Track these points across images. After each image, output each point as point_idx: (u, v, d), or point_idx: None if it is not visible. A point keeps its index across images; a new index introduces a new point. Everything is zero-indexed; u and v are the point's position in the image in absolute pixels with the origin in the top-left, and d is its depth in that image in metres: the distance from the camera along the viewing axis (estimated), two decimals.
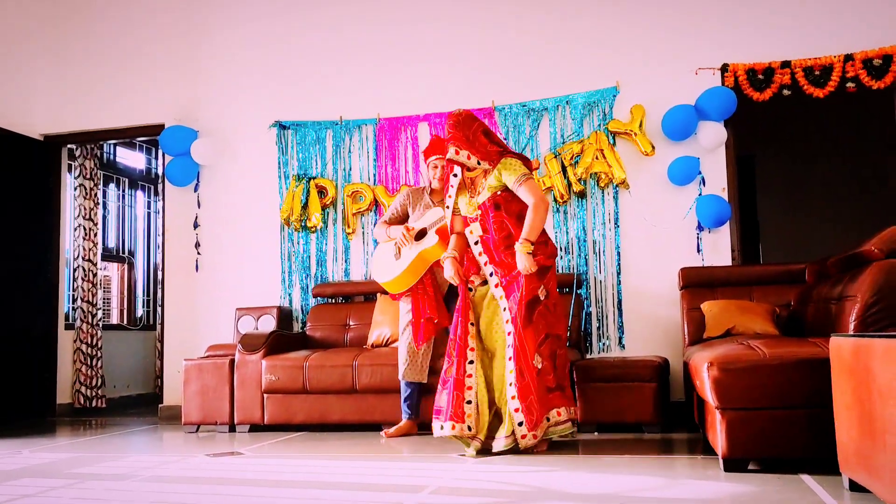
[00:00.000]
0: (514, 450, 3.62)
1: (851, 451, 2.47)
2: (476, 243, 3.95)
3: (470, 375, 3.77)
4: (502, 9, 5.63)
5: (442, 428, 3.69)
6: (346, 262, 5.76)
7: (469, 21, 5.69)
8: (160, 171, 6.73)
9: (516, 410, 3.61)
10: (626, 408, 4.34)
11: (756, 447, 3.01)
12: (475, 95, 5.59)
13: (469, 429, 3.68)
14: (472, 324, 3.87)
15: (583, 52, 5.43)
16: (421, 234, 4.38)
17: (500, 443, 3.64)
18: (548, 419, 3.70)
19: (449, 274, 3.97)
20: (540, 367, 3.70)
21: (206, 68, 6.20)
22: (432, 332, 4.34)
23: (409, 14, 5.84)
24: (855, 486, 2.59)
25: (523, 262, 3.71)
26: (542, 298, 3.78)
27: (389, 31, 5.86)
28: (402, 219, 4.56)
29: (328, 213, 5.79)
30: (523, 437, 3.60)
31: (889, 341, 2.09)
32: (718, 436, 3.08)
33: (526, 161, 3.96)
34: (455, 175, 4.00)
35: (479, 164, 3.88)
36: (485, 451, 3.66)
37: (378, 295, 5.37)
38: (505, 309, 3.79)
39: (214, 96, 6.16)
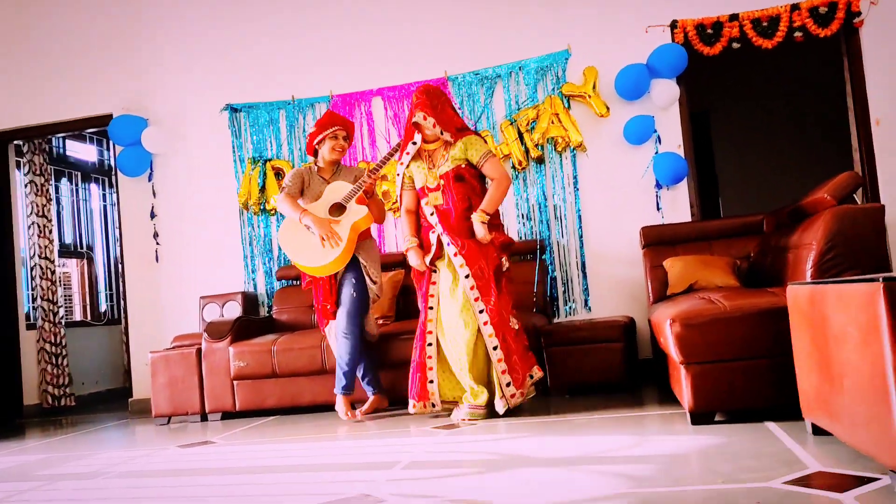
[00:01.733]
0: (508, 411, 3.79)
1: (812, 396, 2.52)
2: (432, 214, 3.95)
3: (430, 357, 3.93)
4: None
5: (414, 406, 3.95)
6: None
7: None
8: (113, 163, 6.59)
9: (503, 372, 3.76)
10: (594, 369, 4.38)
11: (721, 399, 3.06)
12: (428, 67, 5.54)
13: (433, 405, 3.92)
14: (431, 308, 3.97)
15: (533, 17, 5.39)
16: (336, 208, 4.24)
17: (499, 405, 3.78)
18: (530, 376, 3.90)
19: (415, 263, 4.02)
20: (517, 328, 3.91)
21: (153, 56, 6.05)
22: (329, 316, 4.37)
23: None
24: (818, 430, 2.64)
25: (480, 231, 3.83)
26: (504, 270, 3.95)
27: (338, 7, 5.76)
28: (299, 193, 4.35)
29: None
30: (512, 396, 3.77)
31: (841, 286, 2.12)
32: (684, 390, 3.12)
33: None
34: (414, 143, 4.01)
35: (441, 134, 3.93)
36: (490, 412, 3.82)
37: None
38: (468, 276, 3.81)
39: (163, 83, 6.02)
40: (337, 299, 4.33)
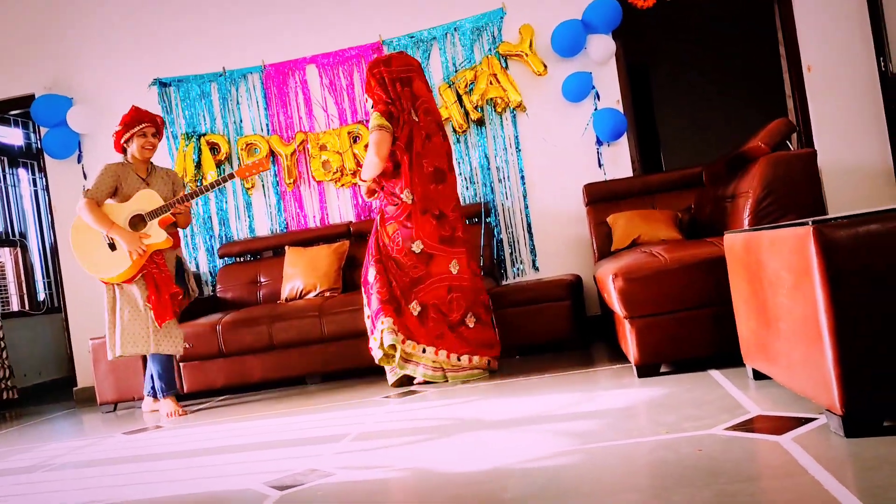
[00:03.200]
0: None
1: (752, 342, 2.55)
2: None
3: None
4: None
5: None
6: (249, 218, 5.58)
7: None
8: (41, 146, 6.32)
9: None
10: (543, 329, 4.39)
11: (666, 351, 3.09)
12: (362, 32, 5.42)
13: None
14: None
15: None
16: (138, 219, 4.14)
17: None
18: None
19: None
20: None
21: (76, 32, 5.79)
22: (179, 306, 4.22)
23: None
24: (758, 375, 2.68)
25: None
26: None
27: None
28: (109, 194, 4.18)
29: (224, 170, 5.57)
30: None
31: (774, 232, 2.13)
32: (630, 344, 3.15)
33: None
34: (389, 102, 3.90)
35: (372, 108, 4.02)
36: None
37: (286, 248, 5.24)
38: None
39: (87, 60, 5.78)
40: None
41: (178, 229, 4.35)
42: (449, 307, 3.84)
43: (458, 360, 3.80)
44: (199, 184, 5.55)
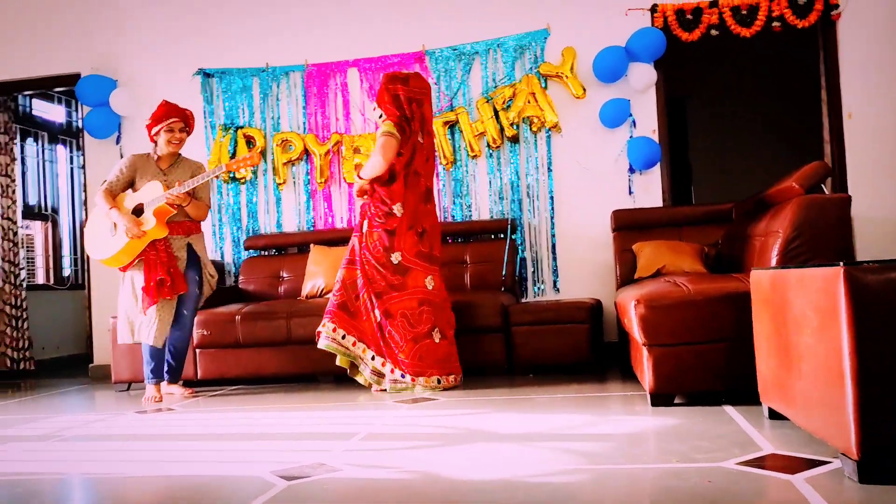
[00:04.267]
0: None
1: (770, 380, 2.54)
2: None
3: None
4: None
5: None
6: (277, 213, 5.64)
7: None
8: (81, 125, 6.44)
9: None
10: (559, 350, 4.39)
11: (681, 381, 3.08)
12: (405, 40, 5.47)
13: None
14: None
15: None
16: (138, 210, 4.28)
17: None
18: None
19: None
20: None
21: (125, 14, 5.91)
22: (166, 294, 4.22)
23: None
24: (774, 415, 2.66)
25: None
26: None
27: None
28: (127, 184, 4.37)
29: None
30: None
31: (802, 271, 2.12)
32: (645, 372, 3.14)
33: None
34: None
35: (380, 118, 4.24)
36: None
37: (312, 246, 5.28)
38: None
39: (134, 44, 5.88)
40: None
41: (197, 220, 4.42)
42: (418, 319, 3.98)
43: (403, 377, 3.94)
44: (231, 174, 5.63)
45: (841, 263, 1.87)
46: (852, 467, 1.88)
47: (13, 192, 6.54)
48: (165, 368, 4.39)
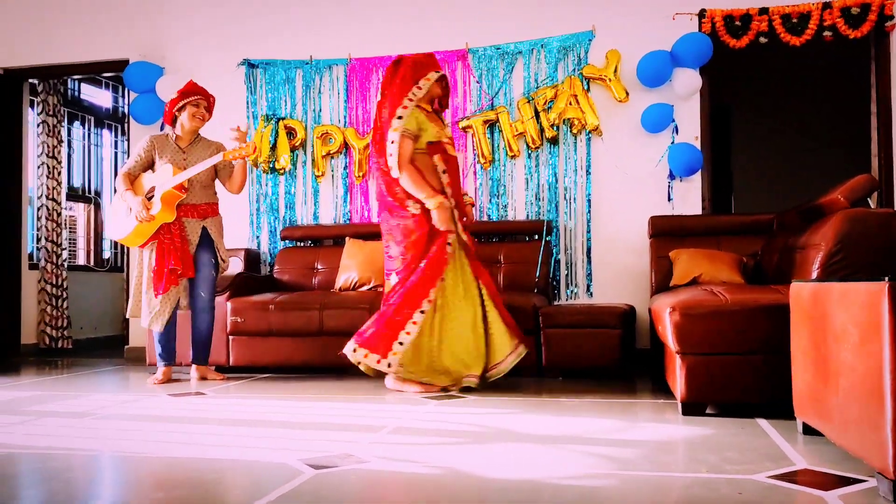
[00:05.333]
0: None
1: (806, 394, 2.49)
2: (444, 172, 3.93)
3: (416, 323, 3.78)
4: None
5: (355, 351, 3.89)
6: (315, 205, 5.68)
7: None
8: (127, 110, 6.56)
9: (513, 338, 3.92)
10: (590, 354, 4.36)
11: (714, 391, 3.04)
12: (448, 37, 5.47)
13: (389, 366, 3.79)
14: (442, 279, 3.86)
15: None
16: (151, 191, 4.37)
17: (508, 361, 3.90)
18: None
19: (447, 224, 3.87)
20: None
21: (173, 3, 6.00)
22: (175, 282, 4.30)
23: None
24: (808, 430, 2.62)
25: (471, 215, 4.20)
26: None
27: None
28: (146, 166, 4.46)
29: (297, 155, 5.70)
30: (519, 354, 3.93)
31: (845, 284, 2.08)
32: (678, 380, 3.10)
33: None
34: (420, 87, 3.98)
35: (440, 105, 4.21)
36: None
37: (347, 239, 5.32)
38: (470, 255, 3.95)
39: (181, 32, 5.97)
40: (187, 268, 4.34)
41: (237, 190, 4.51)
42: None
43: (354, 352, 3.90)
44: (270, 165, 5.68)
45: (886, 279, 1.83)
46: (888, 487, 1.84)
47: (59, 173, 6.68)
48: (192, 351, 4.51)
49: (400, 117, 3.87)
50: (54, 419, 3.26)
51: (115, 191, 4.60)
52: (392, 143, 3.85)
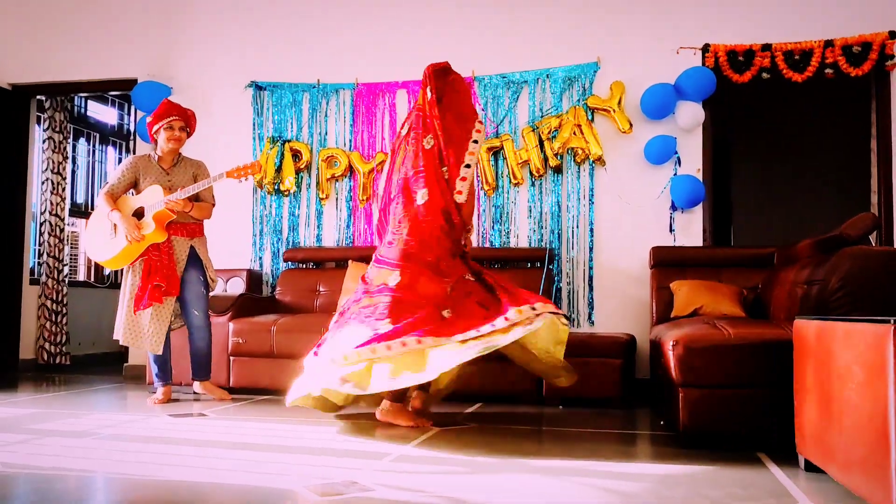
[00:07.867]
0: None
1: (809, 432, 2.51)
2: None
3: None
4: None
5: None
6: (318, 227, 5.71)
7: None
8: (132, 128, 6.61)
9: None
10: (591, 383, 4.36)
11: (715, 425, 3.05)
12: (455, 64, 5.44)
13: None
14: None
15: (565, 26, 5.38)
16: (139, 213, 4.38)
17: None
18: None
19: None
20: None
21: (182, 24, 6.06)
22: (158, 299, 4.30)
23: None
24: (810, 467, 2.63)
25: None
26: None
27: None
28: (128, 187, 4.47)
29: (302, 178, 5.73)
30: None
31: (851, 325, 2.11)
32: (679, 412, 3.11)
33: None
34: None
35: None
36: None
37: (350, 262, 5.33)
38: None
39: (190, 53, 6.03)
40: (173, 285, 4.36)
41: (201, 220, 4.56)
42: None
43: None
44: (275, 186, 5.72)
45: (892, 321, 1.86)
46: None
47: (63, 189, 6.71)
48: (192, 369, 4.54)
49: (468, 165, 3.80)
50: (56, 439, 3.25)
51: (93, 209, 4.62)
52: (463, 180, 3.76)
